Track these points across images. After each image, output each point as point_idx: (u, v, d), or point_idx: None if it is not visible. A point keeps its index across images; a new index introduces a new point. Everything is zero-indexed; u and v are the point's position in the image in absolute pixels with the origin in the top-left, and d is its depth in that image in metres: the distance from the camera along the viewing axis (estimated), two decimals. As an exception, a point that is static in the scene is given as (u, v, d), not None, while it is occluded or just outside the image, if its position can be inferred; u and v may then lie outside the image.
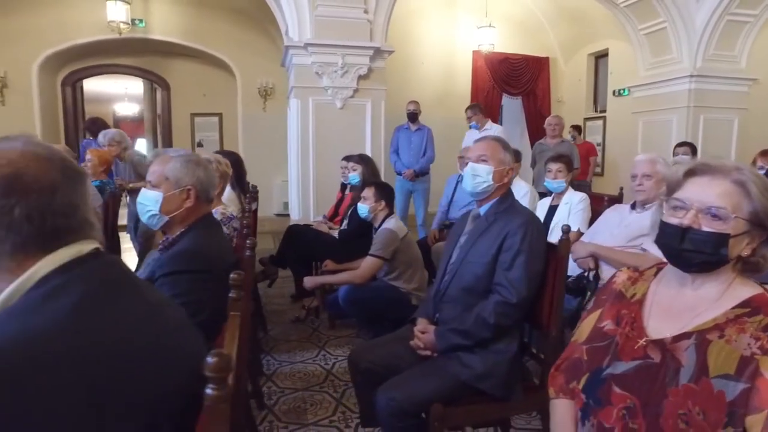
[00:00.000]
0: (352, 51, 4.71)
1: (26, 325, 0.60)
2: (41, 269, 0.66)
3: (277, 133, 6.92)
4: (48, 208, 0.68)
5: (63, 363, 0.58)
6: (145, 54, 7.35)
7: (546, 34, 8.15)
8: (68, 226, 0.69)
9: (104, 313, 0.66)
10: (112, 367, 0.61)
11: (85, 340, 0.61)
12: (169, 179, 1.40)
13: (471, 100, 7.89)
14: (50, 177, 0.69)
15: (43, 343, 0.58)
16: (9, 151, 0.69)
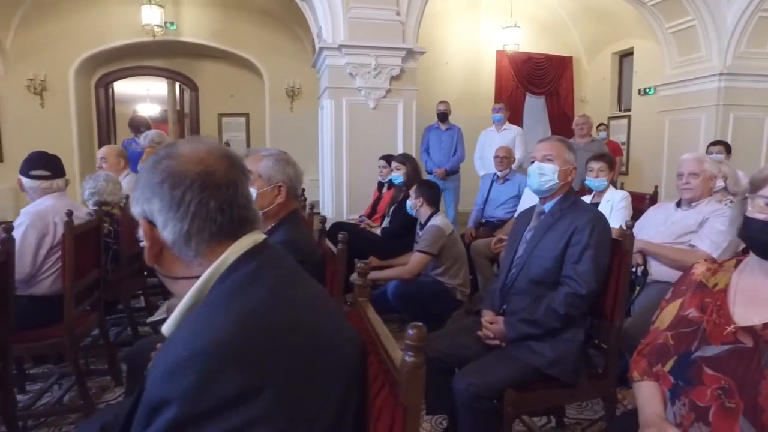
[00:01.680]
0: (385, 52, 4.80)
1: (244, 305, 0.69)
2: (231, 255, 0.75)
3: (304, 132, 7.04)
4: (234, 201, 0.76)
5: (279, 334, 0.68)
6: (175, 56, 7.52)
7: (569, 33, 8.17)
8: (247, 217, 0.78)
9: (292, 294, 0.76)
10: (310, 340, 0.71)
11: (286, 316, 0.71)
12: (261, 176, 1.50)
13: (495, 100, 7.96)
14: (233, 174, 0.78)
15: (261, 317, 0.68)
16: (198, 152, 0.77)
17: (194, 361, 0.61)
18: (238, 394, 0.61)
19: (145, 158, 4.07)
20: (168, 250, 0.77)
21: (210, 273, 0.74)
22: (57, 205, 2.22)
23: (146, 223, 0.76)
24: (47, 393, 2.40)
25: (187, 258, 0.76)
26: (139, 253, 3.16)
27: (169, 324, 0.77)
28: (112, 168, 3.30)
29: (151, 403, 0.63)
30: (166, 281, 0.82)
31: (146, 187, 0.76)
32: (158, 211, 0.75)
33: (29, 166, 2.21)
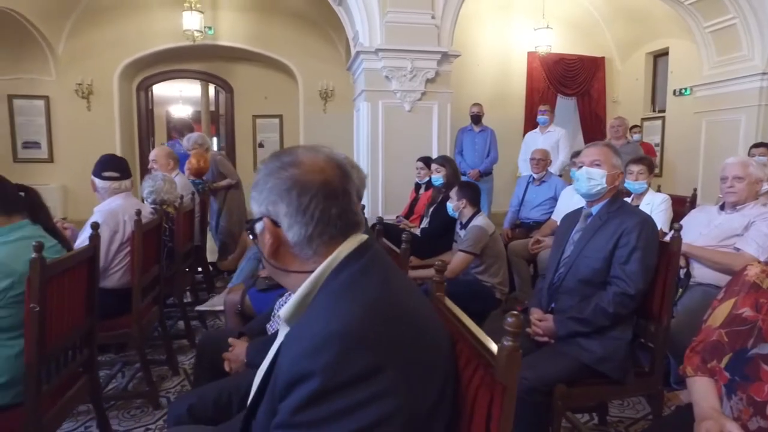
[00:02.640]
0: (421, 55, 4.89)
1: (365, 294, 0.79)
2: (342, 252, 0.85)
3: (337, 134, 7.17)
4: (348, 207, 0.86)
5: (396, 321, 0.78)
6: (211, 59, 7.76)
7: (602, 34, 8.11)
8: (356, 221, 0.89)
9: (398, 285, 0.86)
10: (419, 326, 0.81)
11: (399, 305, 0.81)
12: None
13: (526, 102, 7.99)
14: (346, 182, 0.87)
15: (381, 306, 0.78)
16: (318, 161, 0.86)
17: (332, 342, 0.71)
18: (366, 371, 0.71)
19: (207, 158, 4.22)
20: (287, 248, 0.86)
21: (324, 268, 0.84)
22: (125, 204, 2.38)
23: (270, 223, 0.85)
24: (114, 379, 2.57)
25: (305, 256, 0.86)
26: (190, 251, 3.33)
27: (287, 309, 0.88)
28: (162, 168, 3.48)
29: (291, 378, 0.73)
30: (276, 273, 0.91)
31: (273, 191, 0.85)
32: (284, 215, 0.84)
33: (102, 168, 2.38)
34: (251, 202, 0.89)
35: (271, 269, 0.91)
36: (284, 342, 0.81)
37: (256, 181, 0.88)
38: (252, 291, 2.36)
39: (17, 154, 6.77)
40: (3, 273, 1.41)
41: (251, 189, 0.90)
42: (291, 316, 0.87)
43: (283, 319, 0.88)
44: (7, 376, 1.44)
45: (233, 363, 1.57)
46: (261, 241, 0.88)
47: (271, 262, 0.88)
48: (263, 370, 0.93)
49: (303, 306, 0.85)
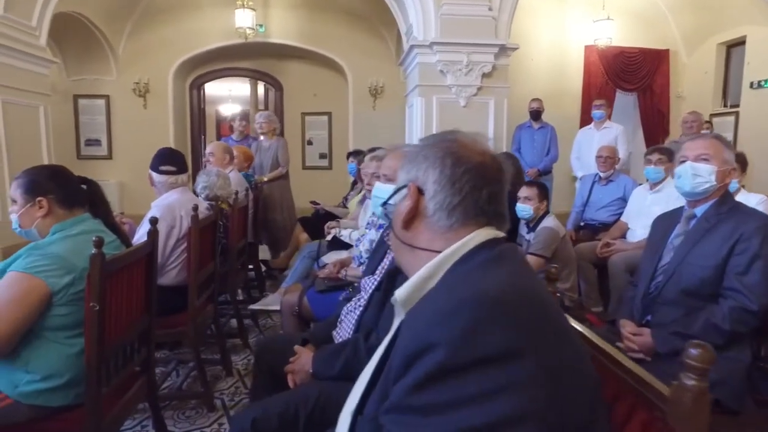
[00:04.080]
0: (477, 49, 4.69)
1: (498, 275, 0.71)
2: (473, 239, 0.78)
3: (386, 131, 7.08)
4: (499, 196, 0.82)
5: (539, 304, 0.67)
6: (261, 57, 7.80)
7: (667, 25, 7.61)
8: (502, 214, 0.83)
9: (528, 280, 0.74)
10: (563, 327, 0.69)
11: (537, 291, 0.70)
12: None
13: (582, 97, 7.60)
14: (501, 175, 0.83)
15: (522, 285, 0.69)
16: (478, 145, 0.84)
17: (462, 309, 0.61)
18: (502, 351, 0.59)
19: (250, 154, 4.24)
20: (422, 219, 0.82)
21: (452, 251, 0.77)
22: (182, 199, 2.33)
23: (415, 189, 0.82)
24: (168, 378, 2.53)
25: (438, 229, 0.80)
26: (244, 247, 3.28)
27: (404, 291, 0.80)
28: (218, 163, 3.45)
29: (411, 351, 0.62)
30: (400, 249, 0.86)
31: (427, 158, 0.82)
32: (433, 182, 0.80)
33: (159, 162, 2.33)
34: (400, 172, 0.87)
35: (396, 244, 0.87)
36: (404, 321, 0.73)
37: (409, 152, 0.88)
38: (310, 292, 2.25)
39: (80, 152, 7.04)
40: (64, 269, 1.35)
41: (404, 161, 0.88)
42: (407, 299, 0.79)
43: (399, 302, 0.80)
44: (69, 375, 1.38)
45: (297, 374, 1.45)
46: (397, 210, 0.85)
47: (399, 233, 0.85)
48: (372, 366, 0.84)
49: (421, 290, 0.78)
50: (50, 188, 1.45)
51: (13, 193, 1.46)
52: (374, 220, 2.30)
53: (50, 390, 1.36)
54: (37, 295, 1.31)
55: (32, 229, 1.46)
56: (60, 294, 1.34)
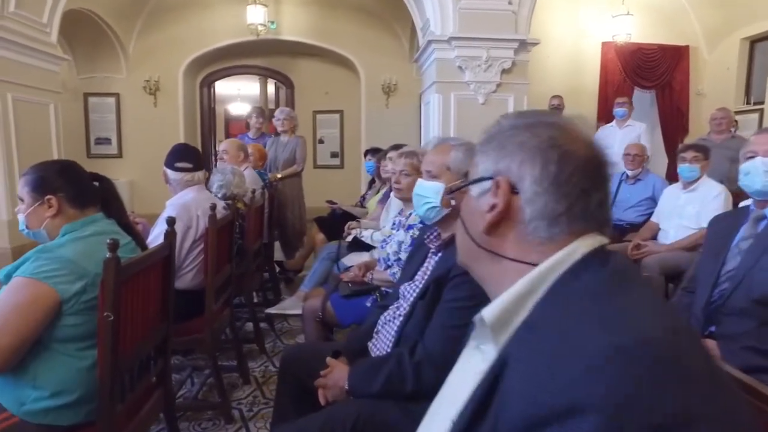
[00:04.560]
0: (497, 44, 4.55)
1: (643, 312, 0.53)
2: (580, 249, 0.62)
3: (400, 129, 6.95)
4: (607, 199, 0.66)
5: (699, 356, 0.50)
6: (272, 54, 7.69)
7: (687, 20, 7.42)
8: (607, 220, 0.67)
9: (677, 317, 0.58)
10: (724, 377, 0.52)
11: (689, 340, 0.53)
12: (450, 170, 1.33)
13: (599, 95, 7.43)
14: (607, 170, 0.67)
15: (677, 326, 0.52)
16: (581, 134, 0.67)
17: (619, 361, 0.45)
18: (676, 418, 0.43)
19: (264, 152, 4.12)
20: (512, 224, 0.65)
21: (554, 262, 0.62)
22: (198, 197, 2.21)
23: (507, 186, 0.64)
24: (183, 386, 2.41)
25: (534, 239, 0.64)
26: (260, 249, 3.15)
27: (494, 312, 0.63)
28: (233, 161, 3.33)
29: (541, 413, 0.47)
30: (477, 258, 0.69)
31: (523, 148, 0.65)
32: (532, 180, 0.63)
33: (174, 158, 2.21)
34: (480, 158, 0.70)
35: (469, 248, 0.70)
36: (516, 359, 0.55)
37: (489, 134, 0.72)
38: (334, 297, 2.12)
39: (90, 150, 6.97)
40: (76, 274, 1.22)
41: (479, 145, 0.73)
42: (499, 321, 0.62)
43: (488, 324, 0.62)
44: (80, 391, 1.26)
45: (330, 390, 1.31)
46: (475, 209, 0.68)
47: (479, 238, 0.68)
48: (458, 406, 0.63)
49: (517, 310, 0.61)
50: (60, 185, 1.33)
51: (20, 191, 1.34)
52: (401, 220, 2.17)
53: (60, 407, 1.24)
54: (45, 303, 1.19)
55: (41, 230, 1.33)
56: (71, 302, 1.22)
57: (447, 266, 1.22)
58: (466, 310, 1.17)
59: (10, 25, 4.12)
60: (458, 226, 0.73)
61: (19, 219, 1.35)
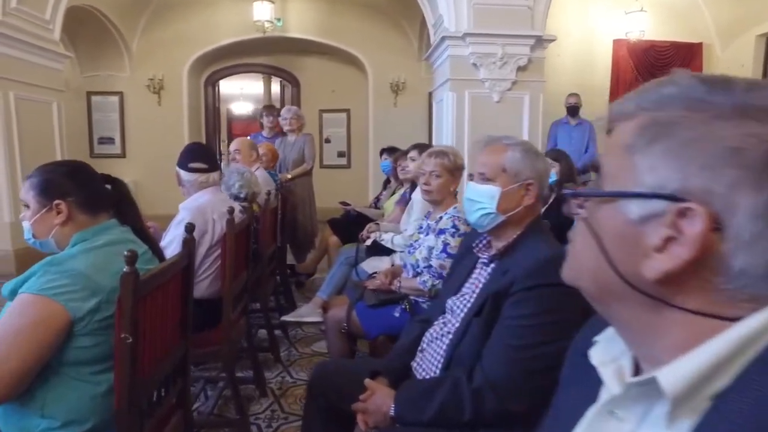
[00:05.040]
0: (513, 40, 4.42)
1: None
2: None
3: (408, 128, 6.83)
4: None
5: None
6: (277, 53, 7.57)
7: (701, 17, 7.28)
8: None
9: None
10: None
11: None
12: (506, 171, 1.19)
13: (610, 93, 7.30)
14: None
15: None
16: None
17: None
18: None
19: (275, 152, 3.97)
20: (704, 272, 0.43)
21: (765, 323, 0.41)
22: (214, 200, 2.07)
23: (708, 219, 0.41)
24: (198, 399, 2.28)
25: (740, 295, 0.43)
26: (274, 252, 3.02)
27: (682, 379, 0.43)
28: (245, 160, 3.20)
29: None
30: (623, 298, 0.48)
31: (734, 156, 0.41)
32: (752, 214, 0.40)
33: (189, 158, 2.08)
34: (639, 156, 0.45)
35: (608, 284, 0.48)
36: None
37: (655, 119, 0.45)
38: (360, 306, 1.98)
39: (93, 150, 6.85)
40: (89, 290, 1.09)
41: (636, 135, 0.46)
42: (688, 390, 0.42)
43: (671, 396, 0.43)
44: (93, 420, 1.12)
45: (371, 415, 1.18)
46: (628, 234, 0.46)
47: (635, 279, 0.46)
48: None
49: (712, 379, 0.42)
50: (70, 189, 1.19)
51: (24, 196, 1.20)
52: (431, 224, 2.04)
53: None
54: (55, 322, 1.05)
55: (49, 239, 1.20)
56: (83, 321, 1.08)
57: (507, 279, 1.08)
58: (531, 329, 1.04)
59: (12, 21, 3.99)
60: (584, 241, 0.51)
61: (24, 227, 1.21)
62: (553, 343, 1.04)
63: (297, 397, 2.37)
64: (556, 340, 1.03)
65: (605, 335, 0.57)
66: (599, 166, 0.51)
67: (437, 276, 1.90)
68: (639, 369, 0.52)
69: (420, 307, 1.96)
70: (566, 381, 0.67)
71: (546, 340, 1.02)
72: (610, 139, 0.50)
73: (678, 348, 0.45)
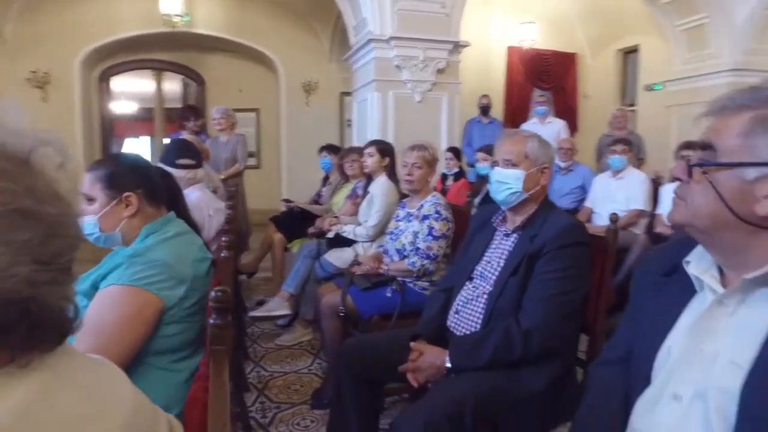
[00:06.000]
0: (433, 45, 4.77)
1: None
2: None
3: (321, 128, 6.94)
4: None
5: None
6: (182, 49, 7.22)
7: (575, 31, 8.37)
8: None
9: None
10: None
11: None
12: (528, 158, 1.45)
13: (505, 96, 8.09)
14: None
15: None
16: None
17: None
18: None
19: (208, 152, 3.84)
20: None
21: None
22: (204, 196, 2.08)
23: None
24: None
25: None
26: (233, 250, 3.01)
27: None
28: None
29: None
30: (735, 228, 0.75)
31: None
32: None
33: (176, 155, 2.05)
34: (759, 138, 0.72)
35: (723, 221, 0.75)
36: None
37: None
38: (353, 290, 2.13)
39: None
40: (176, 279, 1.12)
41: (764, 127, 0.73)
42: None
43: None
44: (178, 408, 1.15)
45: (425, 371, 1.36)
46: (745, 189, 0.73)
47: (748, 216, 0.73)
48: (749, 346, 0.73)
49: None
50: (138, 181, 1.20)
51: (89, 189, 1.19)
52: (413, 212, 2.25)
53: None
54: (150, 312, 1.08)
55: (116, 233, 1.20)
56: (173, 309, 1.12)
57: (538, 243, 1.34)
58: (563, 280, 1.31)
59: None
60: (703, 195, 0.78)
61: (87, 222, 1.19)
62: (578, 290, 1.31)
63: (280, 388, 2.45)
64: (579, 288, 1.32)
65: (694, 256, 0.84)
66: (708, 144, 0.77)
67: (425, 257, 2.12)
68: (723, 275, 0.80)
69: (408, 286, 2.16)
70: (646, 297, 0.93)
71: (574, 288, 1.30)
72: (719, 124, 0.77)
73: (766, 257, 0.73)
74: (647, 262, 0.96)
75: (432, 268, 2.13)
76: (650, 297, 0.90)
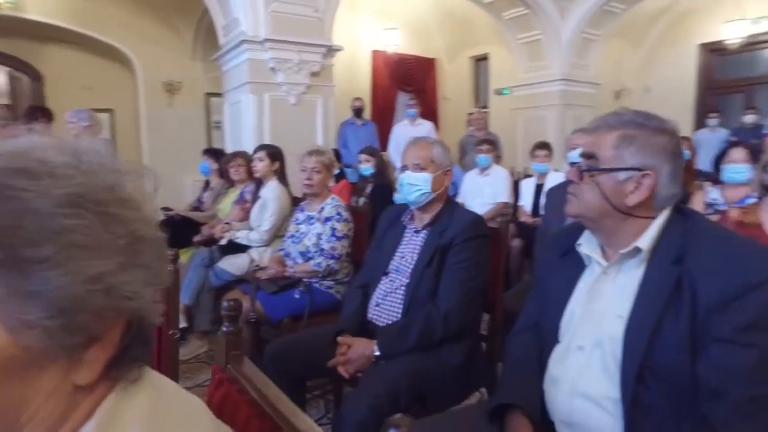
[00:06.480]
0: (308, 48, 4.82)
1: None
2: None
3: (186, 130, 6.58)
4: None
5: None
6: (8, 35, 6.25)
7: (434, 37, 9.02)
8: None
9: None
10: None
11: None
12: (434, 162, 1.60)
13: (372, 98, 8.42)
14: None
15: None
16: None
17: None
18: None
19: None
20: (649, 199, 0.99)
21: (668, 213, 1.01)
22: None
23: (654, 176, 0.99)
24: None
25: (656, 206, 0.99)
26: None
27: (647, 242, 0.98)
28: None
29: (726, 295, 0.84)
30: (612, 216, 1.00)
31: (665, 150, 0.99)
32: (668, 174, 0.99)
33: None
34: (622, 150, 0.97)
35: (604, 211, 0.99)
36: (698, 263, 0.90)
37: (626, 134, 0.98)
38: (262, 295, 2.12)
39: None
40: None
41: (627, 142, 0.98)
42: (649, 247, 0.98)
43: (645, 249, 0.98)
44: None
45: (354, 362, 1.46)
46: (618, 186, 0.98)
47: (620, 206, 0.98)
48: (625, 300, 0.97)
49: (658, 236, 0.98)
50: None
51: None
52: (314, 215, 2.31)
53: None
54: None
55: None
56: None
57: (448, 236, 1.52)
58: (471, 268, 1.50)
59: None
60: (590, 192, 1.02)
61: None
62: (481, 276, 1.52)
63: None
64: (481, 274, 1.53)
65: (583, 239, 1.07)
66: (591, 155, 1.00)
67: (330, 257, 2.20)
68: (604, 252, 1.04)
69: (314, 286, 2.23)
70: (546, 276, 1.15)
71: (478, 274, 1.50)
72: (597, 140, 1.00)
73: (635, 235, 0.99)
74: (546, 248, 1.19)
75: (337, 267, 2.22)
76: (553, 274, 1.12)
